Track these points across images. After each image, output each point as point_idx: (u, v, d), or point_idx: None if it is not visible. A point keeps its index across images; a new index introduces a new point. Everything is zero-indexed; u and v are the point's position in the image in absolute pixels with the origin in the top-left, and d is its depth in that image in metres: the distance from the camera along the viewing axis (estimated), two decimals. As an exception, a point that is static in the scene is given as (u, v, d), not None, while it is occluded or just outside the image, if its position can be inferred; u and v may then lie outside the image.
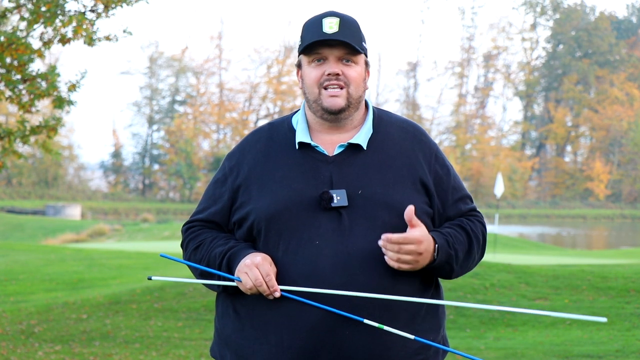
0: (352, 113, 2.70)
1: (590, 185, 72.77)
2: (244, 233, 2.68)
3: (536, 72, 79.48)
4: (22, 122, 9.73)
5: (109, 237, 36.96)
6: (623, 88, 75.44)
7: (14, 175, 59.78)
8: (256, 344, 2.61)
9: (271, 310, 2.59)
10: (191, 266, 2.72)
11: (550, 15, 79.66)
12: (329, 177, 2.64)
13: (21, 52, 9.02)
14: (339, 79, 2.66)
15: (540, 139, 78.43)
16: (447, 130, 75.76)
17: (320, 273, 2.56)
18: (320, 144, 2.70)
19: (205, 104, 70.40)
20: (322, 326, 2.54)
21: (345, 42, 2.65)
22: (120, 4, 9.47)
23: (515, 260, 18.36)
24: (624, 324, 11.13)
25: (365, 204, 2.61)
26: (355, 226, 2.59)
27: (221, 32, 71.56)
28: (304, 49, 2.68)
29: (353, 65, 2.68)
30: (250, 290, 2.57)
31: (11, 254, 21.43)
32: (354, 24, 2.72)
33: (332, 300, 2.54)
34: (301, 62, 2.73)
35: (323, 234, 2.58)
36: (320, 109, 2.68)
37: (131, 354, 9.49)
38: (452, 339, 10.64)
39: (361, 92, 2.71)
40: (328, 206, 2.60)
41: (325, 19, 2.69)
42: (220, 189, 2.75)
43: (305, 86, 2.71)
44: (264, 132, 2.77)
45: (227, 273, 2.63)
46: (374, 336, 2.56)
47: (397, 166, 2.68)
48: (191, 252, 2.73)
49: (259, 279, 2.55)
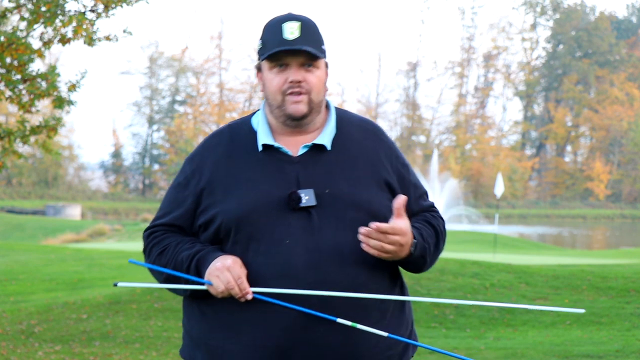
0: (313, 117, 2.73)
1: (590, 185, 72.79)
2: (211, 235, 2.68)
3: (536, 72, 79.49)
4: (22, 122, 9.73)
5: (109, 237, 36.97)
6: (623, 88, 75.45)
7: (14, 175, 59.78)
8: (227, 344, 2.62)
9: (243, 310, 2.59)
10: (157, 271, 2.68)
11: (550, 15, 79.67)
12: (295, 177, 2.66)
13: (21, 52, 9.02)
14: (301, 86, 2.68)
15: (540, 139, 78.45)
16: (447, 130, 75.78)
17: (292, 272, 2.57)
18: (283, 145, 2.71)
19: (205, 104, 70.43)
20: (295, 325, 2.56)
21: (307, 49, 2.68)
22: (120, 4, 9.47)
23: (515, 260, 18.36)
24: (624, 324, 11.14)
25: (333, 203, 2.63)
26: (325, 225, 2.62)
27: (221, 32, 71.59)
28: (266, 57, 2.70)
29: (314, 70, 2.70)
30: (222, 294, 2.57)
31: (11, 254, 21.44)
32: (314, 28, 2.73)
33: (306, 300, 2.56)
34: (262, 66, 2.75)
35: (293, 233, 2.60)
36: (283, 114, 2.70)
37: (131, 354, 9.49)
38: (452, 338, 10.64)
39: (322, 96, 2.74)
40: (297, 206, 2.61)
41: (285, 23, 2.69)
42: (182, 193, 2.74)
43: (267, 92, 2.72)
44: (225, 134, 2.77)
45: (196, 277, 2.61)
46: (347, 333, 2.59)
47: (361, 165, 2.72)
48: (155, 257, 2.71)
49: (230, 282, 2.55)
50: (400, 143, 73.38)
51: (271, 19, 2.74)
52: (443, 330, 11.21)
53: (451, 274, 13.65)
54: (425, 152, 72.17)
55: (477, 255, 20.10)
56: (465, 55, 78.10)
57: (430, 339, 10.47)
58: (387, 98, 76.01)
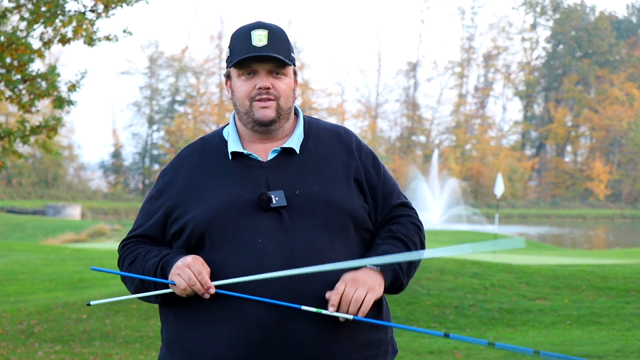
0: (282, 124, 2.76)
1: (590, 185, 72.77)
2: (183, 242, 2.71)
3: (536, 72, 79.46)
4: (22, 122, 9.73)
5: (109, 237, 36.95)
6: (623, 88, 75.42)
7: (14, 175, 59.77)
8: (202, 345, 2.63)
9: (216, 310, 2.61)
10: (128, 280, 2.74)
11: (550, 15, 79.64)
12: (265, 181, 2.69)
13: (21, 52, 9.02)
14: (269, 93, 2.72)
15: (540, 139, 78.43)
16: (447, 130, 75.75)
17: (265, 269, 2.59)
18: (253, 152, 2.76)
19: (205, 104, 70.41)
20: (269, 320, 2.57)
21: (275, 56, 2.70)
22: (120, 4, 9.47)
23: (515, 260, 18.36)
24: (624, 324, 11.14)
25: (304, 203, 2.66)
26: (297, 224, 2.64)
27: (221, 32, 71.56)
28: (235, 64, 2.73)
29: (282, 77, 2.74)
30: (185, 292, 2.60)
31: (11, 254, 21.44)
32: (282, 35, 2.76)
33: (278, 295, 2.57)
34: (230, 74, 2.78)
35: (265, 232, 2.63)
36: (251, 120, 2.74)
37: (131, 354, 9.49)
38: (452, 339, 10.63)
39: (291, 103, 2.78)
40: (267, 207, 2.64)
41: (253, 31, 2.73)
42: (154, 205, 2.79)
43: (236, 99, 2.76)
44: (197, 146, 2.82)
45: (161, 285, 2.65)
46: (323, 330, 2.60)
47: (331, 166, 2.75)
48: (127, 267, 2.77)
49: (192, 279, 2.57)
50: (400, 143, 73.39)
51: (239, 27, 2.79)
52: (443, 330, 11.21)
53: (451, 274, 13.65)
54: (425, 152, 72.17)
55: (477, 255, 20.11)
56: (465, 55, 78.09)
57: (430, 339, 10.47)
58: (387, 98, 76.00)
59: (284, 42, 2.75)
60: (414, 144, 74.86)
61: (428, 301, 12.31)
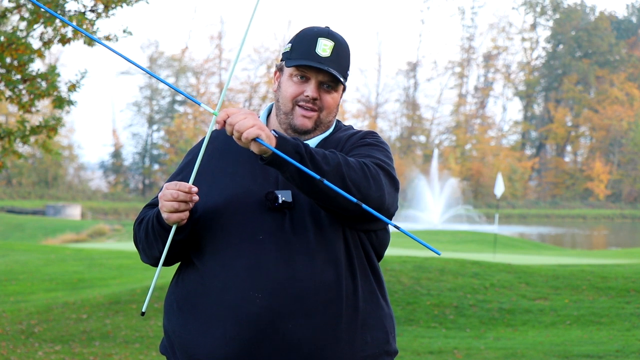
0: (316, 134, 2.77)
1: (590, 185, 72.77)
2: (191, 223, 2.71)
3: (536, 72, 79.48)
4: (22, 122, 9.73)
5: (109, 237, 36.96)
6: (623, 88, 75.43)
7: (14, 175, 59.77)
8: (200, 338, 2.65)
9: (214, 304, 2.63)
10: (138, 240, 2.79)
11: (550, 15, 79.65)
12: (275, 178, 2.69)
13: (21, 52, 9.02)
14: (315, 103, 2.72)
15: (540, 139, 78.44)
16: (447, 130, 75.77)
17: (263, 266, 2.60)
18: None
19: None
20: (263, 318, 2.58)
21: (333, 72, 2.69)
22: (120, 4, 9.48)
23: (515, 260, 18.36)
24: (624, 324, 11.14)
25: (310, 204, 2.66)
26: (299, 224, 2.64)
27: (221, 32, 71.60)
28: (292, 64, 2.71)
29: (332, 92, 2.74)
30: (176, 211, 2.57)
31: (11, 254, 21.44)
32: (346, 51, 2.77)
33: (278, 296, 2.58)
34: (283, 68, 2.77)
35: (266, 230, 2.64)
36: (287, 123, 2.74)
37: (131, 354, 9.49)
38: (452, 338, 10.65)
39: (332, 117, 2.78)
40: (272, 206, 2.65)
41: (321, 39, 2.73)
42: (175, 179, 2.81)
43: (280, 96, 2.76)
44: (224, 130, 2.78)
45: (158, 228, 2.67)
46: (320, 329, 2.60)
47: None
48: (137, 232, 2.81)
49: (173, 192, 2.57)
50: (400, 143, 73.38)
51: (309, 27, 2.78)
52: (443, 330, 11.21)
53: (451, 274, 13.65)
54: (425, 152, 72.18)
55: (477, 255, 20.11)
56: (465, 55, 78.11)
57: (430, 339, 10.48)
58: (387, 98, 76.02)
59: (345, 58, 2.76)
60: (414, 144, 74.87)
61: (428, 301, 12.31)
